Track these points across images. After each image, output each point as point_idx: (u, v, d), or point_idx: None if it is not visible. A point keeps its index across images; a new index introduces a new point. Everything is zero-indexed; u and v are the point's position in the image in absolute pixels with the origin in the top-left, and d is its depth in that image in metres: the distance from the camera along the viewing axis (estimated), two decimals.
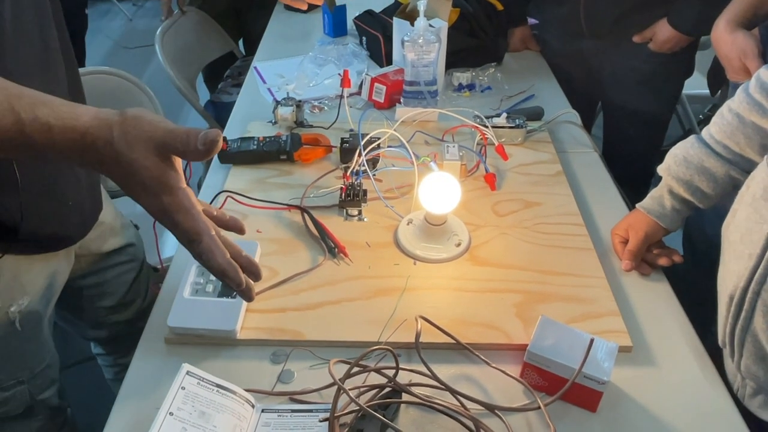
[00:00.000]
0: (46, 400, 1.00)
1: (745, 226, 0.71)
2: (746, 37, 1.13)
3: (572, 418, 0.76)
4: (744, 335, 0.73)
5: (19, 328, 0.89)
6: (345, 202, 1.06)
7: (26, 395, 0.95)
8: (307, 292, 0.91)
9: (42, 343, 0.96)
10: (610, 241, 1.03)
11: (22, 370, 0.94)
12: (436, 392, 0.76)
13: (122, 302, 1.15)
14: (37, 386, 0.97)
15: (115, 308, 1.14)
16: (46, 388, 0.99)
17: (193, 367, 0.74)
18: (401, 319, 0.86)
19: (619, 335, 0.85)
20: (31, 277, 0.90)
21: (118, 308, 1.15)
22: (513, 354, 0.82)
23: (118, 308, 1.15)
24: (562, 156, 1.25)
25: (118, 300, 1.14)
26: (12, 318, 0.87)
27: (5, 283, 0.85)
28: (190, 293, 0.86)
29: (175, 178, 0.59)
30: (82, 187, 0.93)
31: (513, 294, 0.91)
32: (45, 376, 0.98)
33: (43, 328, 0.95)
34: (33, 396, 0.96)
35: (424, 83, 1.35)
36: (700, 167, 0.91)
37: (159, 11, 4.34)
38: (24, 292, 0.88)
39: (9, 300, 0.87)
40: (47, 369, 0.98)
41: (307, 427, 0.73)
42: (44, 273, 0.92)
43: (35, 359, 0.96)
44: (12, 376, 0.93)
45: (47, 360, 0.98)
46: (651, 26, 1.49)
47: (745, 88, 0.86)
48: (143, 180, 0.58)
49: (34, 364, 0.96)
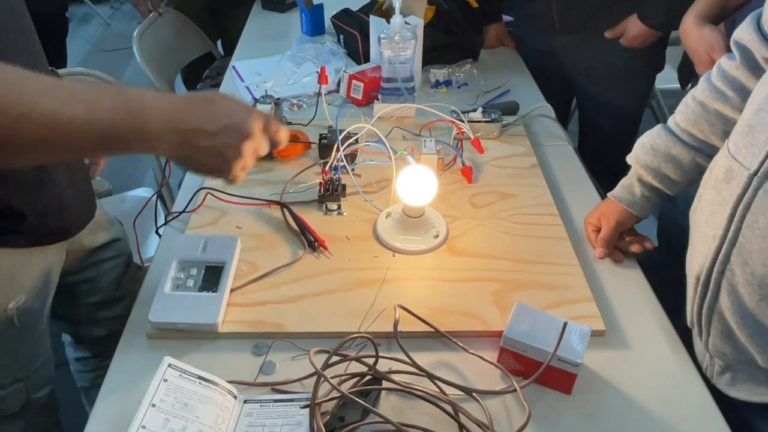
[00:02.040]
0: (40, 399, 1.00)
1: (709, 209, 0.74)
2: (713, 31, 1.16)
3: (548, 400, 0.78)
4: (711, 314, 0.75)
5: (18, 325, 0.89)
6: (324, 197, 1.08)
7: (23, 393, 0.95)
8: (288, 285, 0.92)
9: (39, 340, 0.97)
10: (584, 230, 1.05)
11: (19, 368, 0.94)
12: (416, 379, 0.78)
13: (113, 297, 1.15)
14: (34, 384, 0.97)
15: (105, 303, 1.14)
16: (41, 387, 0.99)
17: (175, 360, 0.75)
18: (381, 310, 0.88)
19: (593, 320, 0.87)
20: (28, 274, 0.90)
21: (109, 304, 1.15)
22: (490, 340, 0.84)
23: (108, 304, 1.15)
24: (537, 149, 1.27)
25: (108, 296, 1.14)
26: (10, 315, 0.88)
27: (2, 281, 0.86)
28: (170, 288, 0.87)
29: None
30: (78, 181, 0.94)
31: (490, 283, 0.93)
32: (41, 374, 0.99)
33: (40, 326, 0.96)
34: (29, 394, 0.97)
35: (402, 80, 1.36)
36: (667, 155, 0.94)
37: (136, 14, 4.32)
38: (21, 289, 0.89)
39: (6, 297, 0.87)
40: (43, 367, 0.99)
41: (289, 416, 0.74)
42: (40, 269, 0.92)
43: (32, 357, 0.96)
44: (10, 374, 0.93)
45: (44, 357, 0.98)
46: (622, 22, 1.53)
47: (708, 77, 0.89)
48: None
49: (31, 362, 0.96)
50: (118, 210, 1.70)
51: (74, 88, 0.60)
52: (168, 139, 0.65)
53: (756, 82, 0.80)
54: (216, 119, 0.68)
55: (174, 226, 1.06)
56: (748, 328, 0.71)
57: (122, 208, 1.72)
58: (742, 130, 0.71)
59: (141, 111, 0.63)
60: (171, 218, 1.06)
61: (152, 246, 1.53)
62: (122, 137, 0.62)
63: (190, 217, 1.06)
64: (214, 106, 0.68)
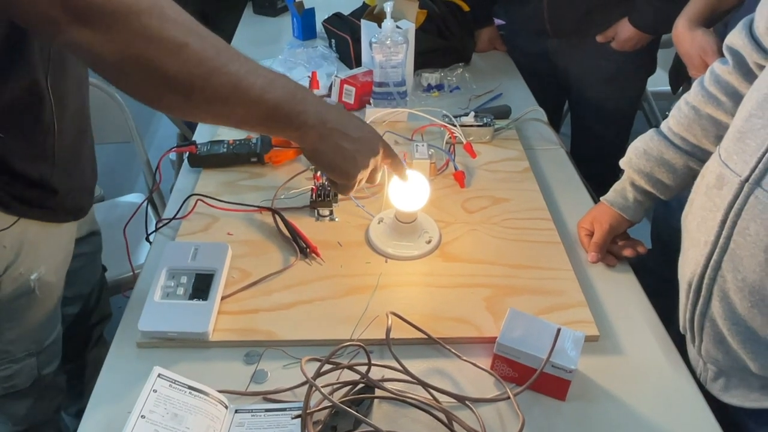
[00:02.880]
0: (49, 376, 1.02)
1: (701, 215, 0.73)
2: (705, 34, 1.17)
3: (542, 407, 0.78)
4: (703, 320, 0.75)
5: (39, 296, 0.92)
6: (316, 203, 1.07)
7: (34, 368, 0.97)
8: (280, 292, 0.92)
9: (54, 315, 0.99)
10: (577, 235, 1.05)
11: (33, 342, 0.96)
12: (409, 387, 0.77)
13: (77, 294, 1.15)
14: (44, 360, 0.99)
15: (71, 299, 1.14)
16: (50, 363, 1.01)
17: (164, 370, 0.74)
18: (373, 317, 0.87)
19: (587, 325, 0.87)
20: (48, 247, 0.93)
21: (73, 300, 1.15)
22: (483, 347, 0.84)
23: (72, 300, 1.15)
24: (530, 153, 1.27)
25: (74, 292, 1.14)
26: (32, 286, 0.90)
27: (27, 252, 0.88)
28: (160, 297, 0.86)
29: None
30: (92, 162, 1.00)
31: (483, 288, 0.93)
32: (52, 350, 1.00)
33: (56, 300, 0.98)
34: (39, 370, 0.99)
35: (393, 84, 1.36)
36: (660, 159, 0.94)
37: None
38: (43, 261, 0.91)
39: (30, 268, 0.89)
40: (54, 343, 1.01)
41: (280, 425, 0.73)
42: (59, 242, 0.96)
43: (46, 331, 0.99)
44: (24, 348, 0.95)
45: (56, 333, 1.01)
46: (613, 26, 1.53)
47: (701, 81, 0.89)
48: None
49: (45, 336, 0.98)
50: (110, 215, 1.70)
51: (257, 66, 0.70)
52: (318, 131, 0.75)
53: (748, 86, 0.80)
54: (358, 127, 0.80)
55: (164, 232, 1.05)
56: (740, 334, 0.71)
57: (113, 214, 1.71)
58: (733, 137, 0.71)
59: (304, 99, 0.73)
60: (161, 225, 1.05)
61: (143, 252, 1.52)
62: (285, 117, 0.72)
63: (180, 223, 1.05)
64: (352, 116, 0.81)
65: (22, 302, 0.91)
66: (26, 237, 0.87)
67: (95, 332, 1.27)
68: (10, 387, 0.96)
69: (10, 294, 0.88)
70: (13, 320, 0.92)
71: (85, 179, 0.97)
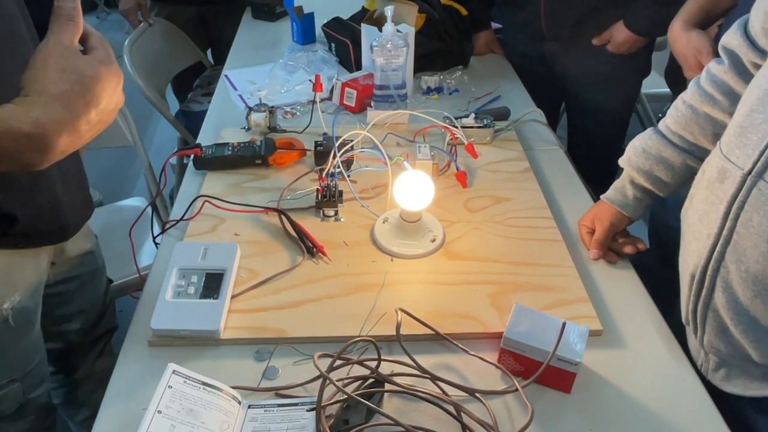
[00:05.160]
0: (37, 399, 1.00)
1: (702, 208, 0.76)
2: (700, 36, 1.19)
3: (548, 399, 0.80)
4: (706, 311, 0.77)
5: (13, 325, 0.89)
6: (321, 203, 1.09)
7: (19, 393, 0.95)
8: (288, 291, 0.93)
9: (33, 340, 0.97)
10: (578, 232, 1.07)
11: (15, 368, 0.94)
12: (418, 381, 0.79)
13: (78, 310, 1.14)
14: (29, 384, 0.97)
15: (71, 316, 1.13)
16: (37, 386, 0.99)
17: (179, 367, 0.75)
18: (380, 314, 0.89)
19: (590, 320, 0.89)
20: (21, 274, 0.90)
21: (76, 316, 1.14)
22: (489, 342, 0.85)
23: (75, 316, 1.14)
24: (529, 153, 1.29)
25: (74, 308, 1.13)
26: (5, 315, 0.88)
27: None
28: (172, 296, 0.88)
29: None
30: (71, 182, 0.94)
31: (487, 285, 0.95)
32: (36, 373, 0.98)
33: (34, 325, 0.96)
34: (25, 394, 0.97)
35: (394, 87, 1.38)
36: (659, 157, 0.96)
37: (122, 24, 4.30)
38: (15, 289, 0.89)
39: (2, 297, 0.87)
40: (38, 366, 0.99)
41: (293, 420, 0.75)
42: (33, 268, 0.92)
43: (28, 357, 0.96)
44: (6, 375, 0.93)
45: (38, 357, 0.98)
46: (609, 29, 1.56)
47: (697, 81, 0.92)
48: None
49: (27, 362, 0.96)
50: (110, 220, 1.71)
51: None
52: (38, 131, 0.60)
53: (744, 85, 0.82)
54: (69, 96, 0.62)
55: (171, 234, 1.06)
56: (742, 324, 0.73)
57: (114, 219, 1.72)
58: (734, 131, 0.73)
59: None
60: (169, 226, 1.06)
61: (146, 255, 1.53)
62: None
63: (187, 225, 1.06)
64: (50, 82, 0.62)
65: None
66: None
67: (99, 345, 1.25)
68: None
69: None
70: None
71: (58, 199, 0.90)
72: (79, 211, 0.98)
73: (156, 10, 2.13)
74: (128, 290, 1.40)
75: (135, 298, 0.96)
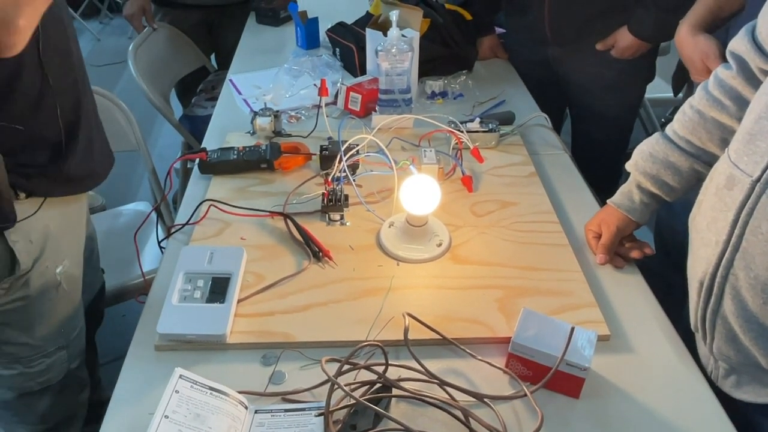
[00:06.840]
0: (76, 371, 1.04)
1: (711, 215, 0.75)
2: (707, 40, 1.19)
3: (557, 405, 0.79)
4: (715, 318, 0.77)
5: (66, 289, 0.94)
6: (327, 208, 1.08)
7: (65, 362, 0.99)
8: (294, 295, 0.93)
9: (78, 308, 1.01)
10: (584, 237, 1.07)
11: (62, 336, 0.98)
12: (425, 386, 0.79)
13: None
14: (72, 354, 1.01)
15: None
16: (77, 356, 1.03)
17: (185, 371, 0.75)
18: (387, 318, 0.88)
19: (597, 325, 0.88)
20: (69, 240, 0.95)
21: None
22: (497, 347, 0.85)
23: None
24: (534, 157, 1.29)
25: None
26: (59, 280, 0.92)
27: (52, 246, 0.89)
28: (178, 300, 0.87)
29: None
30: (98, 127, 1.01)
31: (494, 290, 0.94)
32: (77, 343, 1.02)
33: (78, 292, 1.00)
34: (69, 363, 1.01)
35: (399, 91, 1.38)
36: (666, 162, 0.96)
37: (125, 29, 4.31)
38: (65, 254, 0.93)
39: (55, 262, 0.91)
40: (79, 336, 1.02)
41: (300, 425, 0.74)
42: (77, 235, 0.98)
43: (71, 325, 1.00)
44: (54, 342, 0.97)
45: (80, 326, 1.02)
46: (612, 34, 1.56)
47: (705, 86, 0.91)
48: None
49: (70, 330, 1.00)
50: (114, 224, 1.71)
51: None
52: None
53: (752, 90, 0.82)
54: None
55: (177, 238, 1.06)
56: (752, 331, 0.72)
57: (118, 223, 1.72)
58: (742, 138, 0.73)
59: None
60: (175, 230, 1.06)
61: (148, 259, 1.52)
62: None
63: (193, 229, 1.06)
64: None
65: (51, 297, 0.93)
66: (49, 231, 0.89)
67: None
68: (45, 381, 0.98)
69: (39, 289, 0.90)
70: (43, 315, 0.94)
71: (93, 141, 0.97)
72: (107, 158, 1.03)
73: (160, 15, 2.14)
74: (127, 295, 1.41)
75: (141, 303, 0.96)
